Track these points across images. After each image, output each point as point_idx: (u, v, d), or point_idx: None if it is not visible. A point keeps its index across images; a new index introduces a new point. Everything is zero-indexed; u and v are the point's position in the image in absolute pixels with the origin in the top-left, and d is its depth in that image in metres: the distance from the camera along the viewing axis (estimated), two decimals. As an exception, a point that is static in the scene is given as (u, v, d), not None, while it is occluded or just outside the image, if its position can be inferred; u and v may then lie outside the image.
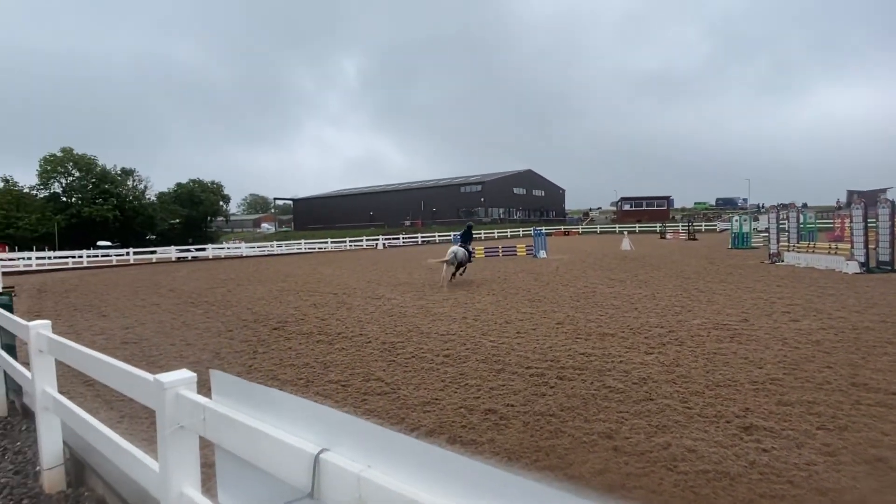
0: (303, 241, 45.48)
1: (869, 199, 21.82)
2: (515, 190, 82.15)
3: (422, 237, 50.44)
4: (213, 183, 73.07)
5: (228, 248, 42.82)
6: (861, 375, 5.08)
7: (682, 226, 43.84)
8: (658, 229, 46.79)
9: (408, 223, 72.80)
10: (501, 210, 78.03)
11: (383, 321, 9.05)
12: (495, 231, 56.73)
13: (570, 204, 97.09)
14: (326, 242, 44.60)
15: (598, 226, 67.08)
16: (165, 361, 6.70)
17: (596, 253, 26.11)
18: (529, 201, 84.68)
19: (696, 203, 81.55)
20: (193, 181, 71.60)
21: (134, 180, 67.55)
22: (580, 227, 67.24)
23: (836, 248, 15.91)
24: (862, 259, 14.05)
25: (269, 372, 6.04)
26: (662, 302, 9.98)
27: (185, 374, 2.06)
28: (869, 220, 14.78)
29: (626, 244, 28.45)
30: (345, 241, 45.67)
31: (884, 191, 42.02)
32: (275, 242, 46.70)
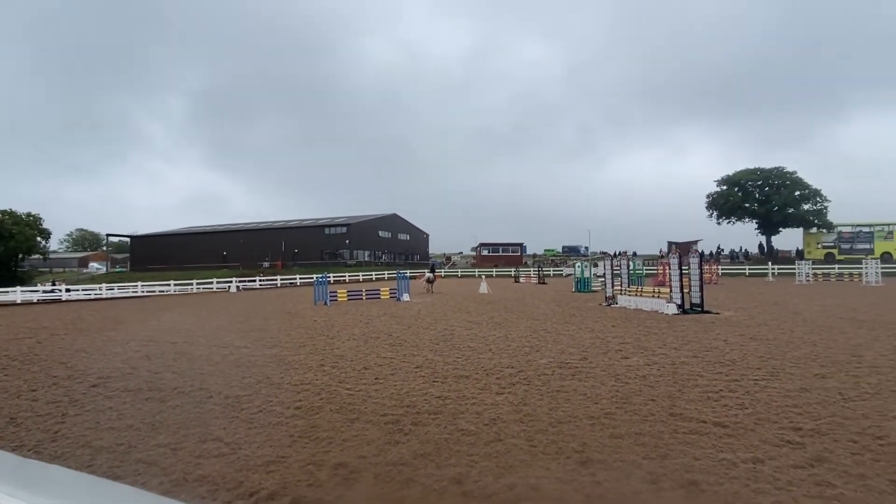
0: (140, 283, 40.64)
1: (683, 250, 25.43)
2: (381, 233, 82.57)
3: (281, 280, 48.04)
4: (28, 215, 62.80)
5: (43, 290, 36.69)
6: (678, 406, 5.74)
7: (534, 271, 47.24)
8: (513, 273, 49.85)
9: (266, 265, 68.94)
10: (367, 253, 77.66)
11: (229, 373, 8.30)
12: (360, 274, 56.05)
13: (434, 248, 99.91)
14: (169, 285, 40.32)
15: (459, 269, 69.66)
16: (-64, 433, 5.41)
17: (456, 296, 26.95)
18: (395, 245, 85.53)
19: (545, 250, 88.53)
20: (3, 212, 61.03)
21: (-78, 208, 55.74)
22: (443, 270, 69.25)
23: (659, 291, 18.19)
24: (679, 301, 16.18)
25: (81, 438, 5.15)
26: (514, 343, 10.50)
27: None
28: (683, 268, 17.18)
29: (483, 287, 29.77)
30: (192, 284, 41.73)
31: (695, 242, 49.49)
32: (104, 285, 41.14)
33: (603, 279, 23.02)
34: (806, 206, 54.90)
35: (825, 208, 54.68)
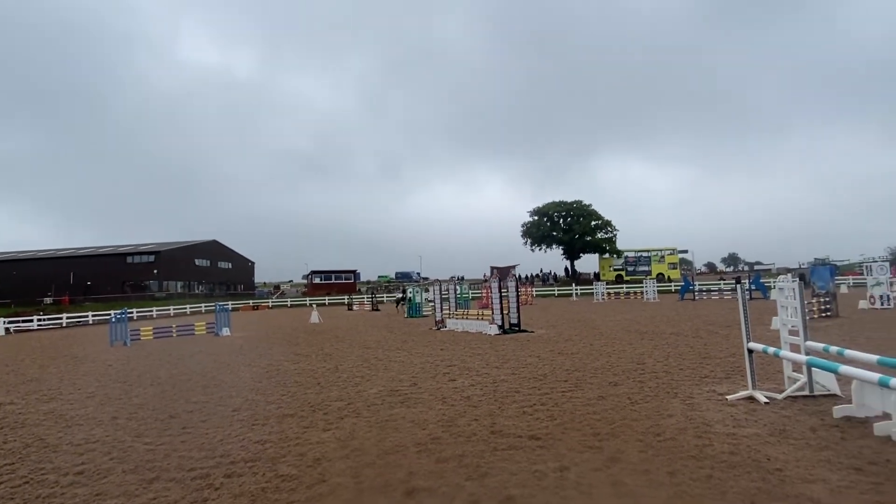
0: None
1: (503, 274, 27.46)
2: (198, 261, 75.30)
3: (68, 318, 40.66)
4: None
5: None
6: (498, 423, 6.04)
7: (367, 298, 47.10)
8: (346, 301, 49.07)
9: (49, 300, 58.14)
10: (180, 283, 70.05)
11: (-16, 437, 6.65)
12: (171, 307, 50.09)
13: (262, 276, 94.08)
14: None
15: (290, 299, 66.38)
16: None
17: (285, 327, 25.57)
18: (215, 274, 78.59)
19: (379, 276, 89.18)
20: None
21: None
22: (270, 300, 65.38)
23: (482, 314, 19.34)
24: (499, 322, 17.35)
25: None
26: (344, 374, 10.21)
27: None
28: (503, 291, 18.51)
29: (314, 317, 28.75)
30: (-60, 328, 33.18)
31: (513, 267, 53.99)
32: None
33: (433, 304, 23.78)
34: (600, 235, 63.81)
35: (615, 236, 64.18)
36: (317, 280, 74.89)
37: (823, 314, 17.08)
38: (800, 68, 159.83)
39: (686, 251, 66.34)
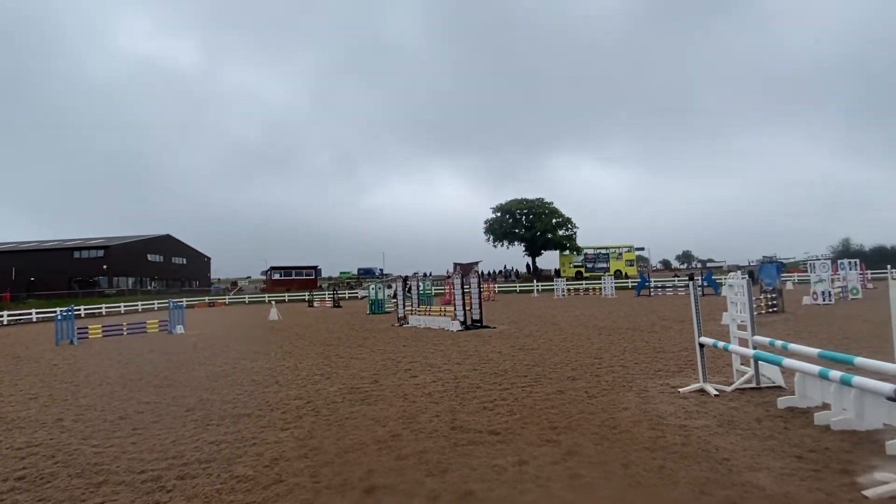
0: None
1: (466, 270, 27.62)
2: (150, 256, 72.62)
3: (9, 315, 38.53)
4: None
5: None
6: (459, 419, 6.06)
7: (329, 294, 46.49)
8: (307, 298, 48.29)
9: (-12, 297, 54.97)
10: (132, 280, 67.44)
11: (-88, 443, 6.23)
12: (122, 305, 48.14)
13: (219, 272, 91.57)
14: None
15: (247, 296, 64.74)
16: None
17: (242, 324, 24.99)
18: (168, 270, 75.99)
19: (341, 272, 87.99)
20: None
21: None
22: (227, 297, 63.66)
23: (445, 310, 19.38)
24: (462, 318, 17.43)
25: None
26: (304, 372, 10.05)
27: None
28: (465, 287, 18.59)
29: (273, 314, 28.17)
30: None
31: (476, 263, 54.36)
32: None
33: (395, 300, 23.67)
34: (561, 232, 64.86)
35: (575, 233, 65.37)
36: (276, 276, 73.32)
37: (770, 310, 17.88)
38: (740, 72, 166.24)
39: (643, 249, 68.17)
